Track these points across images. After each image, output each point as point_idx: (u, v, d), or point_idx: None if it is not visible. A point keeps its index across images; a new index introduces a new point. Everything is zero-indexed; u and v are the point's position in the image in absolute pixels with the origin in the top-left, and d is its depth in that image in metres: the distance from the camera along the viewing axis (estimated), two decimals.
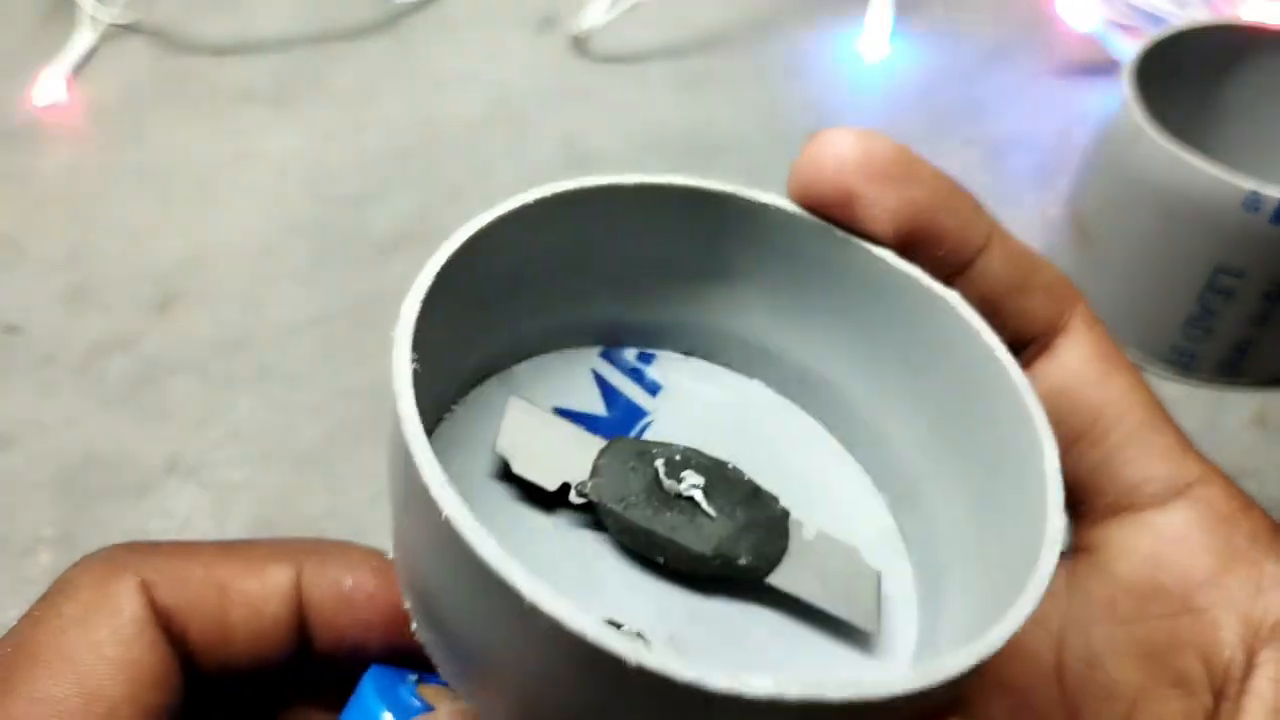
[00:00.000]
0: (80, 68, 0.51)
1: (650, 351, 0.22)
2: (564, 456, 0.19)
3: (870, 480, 0.21)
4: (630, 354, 0.21)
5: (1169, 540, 0.19)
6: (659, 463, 0.18)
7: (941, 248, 0.19)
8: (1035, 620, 0.14)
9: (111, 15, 0.52)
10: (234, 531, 0.34)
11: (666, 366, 0.21)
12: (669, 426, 0.20)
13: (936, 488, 0.20)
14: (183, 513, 0.35)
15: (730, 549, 0.18)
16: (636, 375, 0.21)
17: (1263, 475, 0.36)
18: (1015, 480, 0.17)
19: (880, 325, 0.20)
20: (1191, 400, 0.39)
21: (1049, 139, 0.48)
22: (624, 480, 0.18)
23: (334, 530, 0.34)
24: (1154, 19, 0.47)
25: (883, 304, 0.19)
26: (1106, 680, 0.20)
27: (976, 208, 0.20)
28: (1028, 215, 0.45)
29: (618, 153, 0.48)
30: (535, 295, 0.19)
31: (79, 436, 0.37)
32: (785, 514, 0.19)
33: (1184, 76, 0.40)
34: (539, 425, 0.19)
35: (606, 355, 0.21)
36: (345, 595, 0.19)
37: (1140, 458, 0.20)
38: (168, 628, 0.18)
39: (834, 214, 0.19)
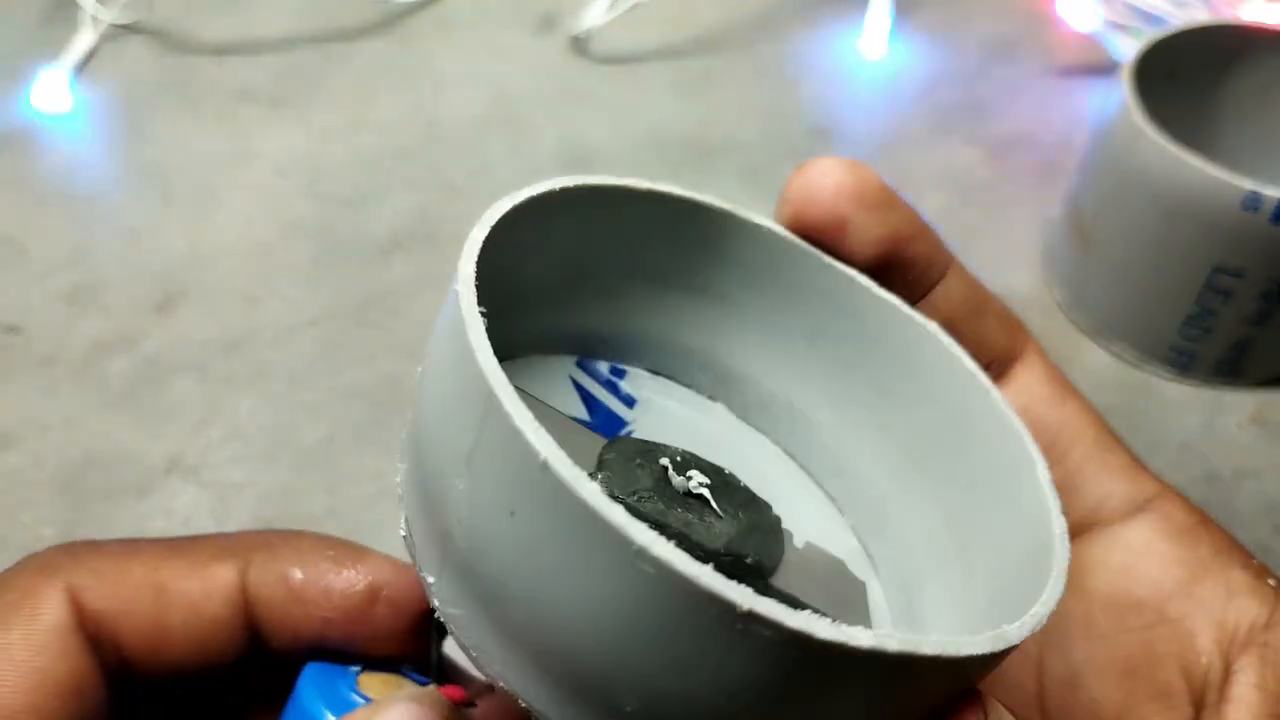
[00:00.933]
0: (81, 68, 0.51)
1: (621, 367, 0.22)
2: (569, 447, 0.19)
3: (833, 505, 0.21)
4: (604, 366, 0.22)
5: (1138, 553, 0.20)
6: (665, 460, 0.19)
7: (911, 273, 0.20)
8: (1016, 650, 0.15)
9: (112, 16, 0.53)
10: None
11: (638, 382, 0.22)
12: (649, 437, 0.20)
13: (906, 509, 0.20)
14: (183, 512, 0.35)
15: (739, 547, 0.18)
16: (611, 387, 0.21)
17: (1261, 475, 0.36)
18: (1002, 494, 0.18)
19: (857, 351, 0.20)
20: (1190, 400, 0.39)
21: (1049, 139, 0.48)
22: (632, 475, 0.18)
23: (332, 530, 0.34)
24: (1153, 19, 0.47)
25: (862, 330, 0.20)
26: (1088, 700, 0.20)
27: (939, 238, 0.21)
28: (1028, 215, 0.45)
29: (617, 153, 0.48)
30: (524, 296, 0.19)
31: (79, 436, 0.37)
32: (779, 521, 0.19)
33: (1183, 77, 0.40)
34: (541, 416, 0.19)
35: (582, 365, 0.21)
36: (296, 589, 0.19)
37: (1099, 475, 0.20)
38: (98, 633, 0.18)
39: (824, 239, 0.20)
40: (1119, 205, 0.38)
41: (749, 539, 0.18)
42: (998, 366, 0.22)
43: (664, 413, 0.21)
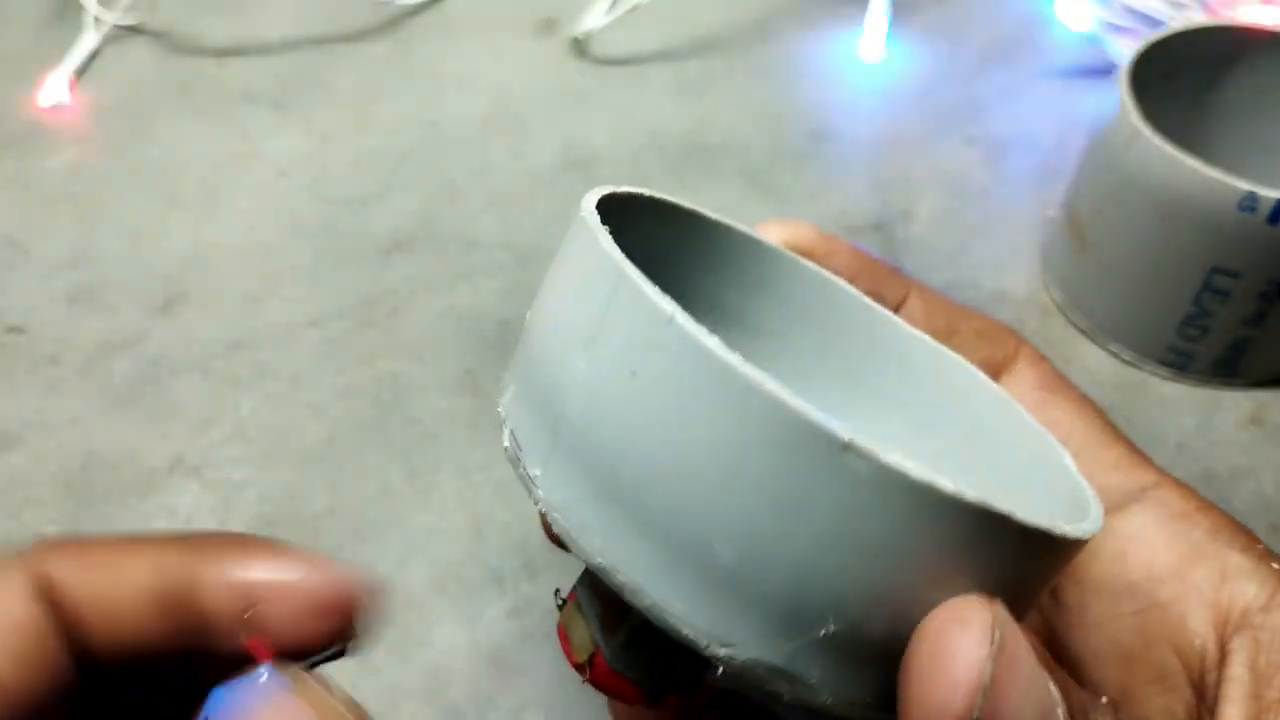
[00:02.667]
0: (84, 69, 0.52)
1: None
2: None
3: None
4: None
5: (1131, 539, 0.20)
6: None
7: None
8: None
9: (115, 17, 0.53)
10: (236, 530, 0.34)
11: None
12: None
13: None
14: (185, 512, 0.35)
15: None
16: None
17: (1258, 475, 0.37)
18: (1038, 492, 0.19)
19: (892, 386, 0.22)
20: (1187, 400, 0.39)
21: (1047, 140, 0.48)
22: None
23: (334, 529, 0.35)
24: (1150, 21, 0.47)
25: (899, 366, 0.22)
26: (1089, 685, 0.20)
27: (892, 272, 0.23)
28: (1026, 216, 0.45)
29: (617, 154, 0.48)
30: None
31: (82, 436, 0.37)
32: None
33: (1180, 78, 0.40)
34: None
35: None
36: (248, 594, 0.18)
37: (1092, 471, 0.21)
38: (60, 604, 0.17)
39: None
40: (1116, 206, 0.38)
41: None
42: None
43: None
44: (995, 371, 0.23)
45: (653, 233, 0.20)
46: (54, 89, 0.50)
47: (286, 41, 0.54)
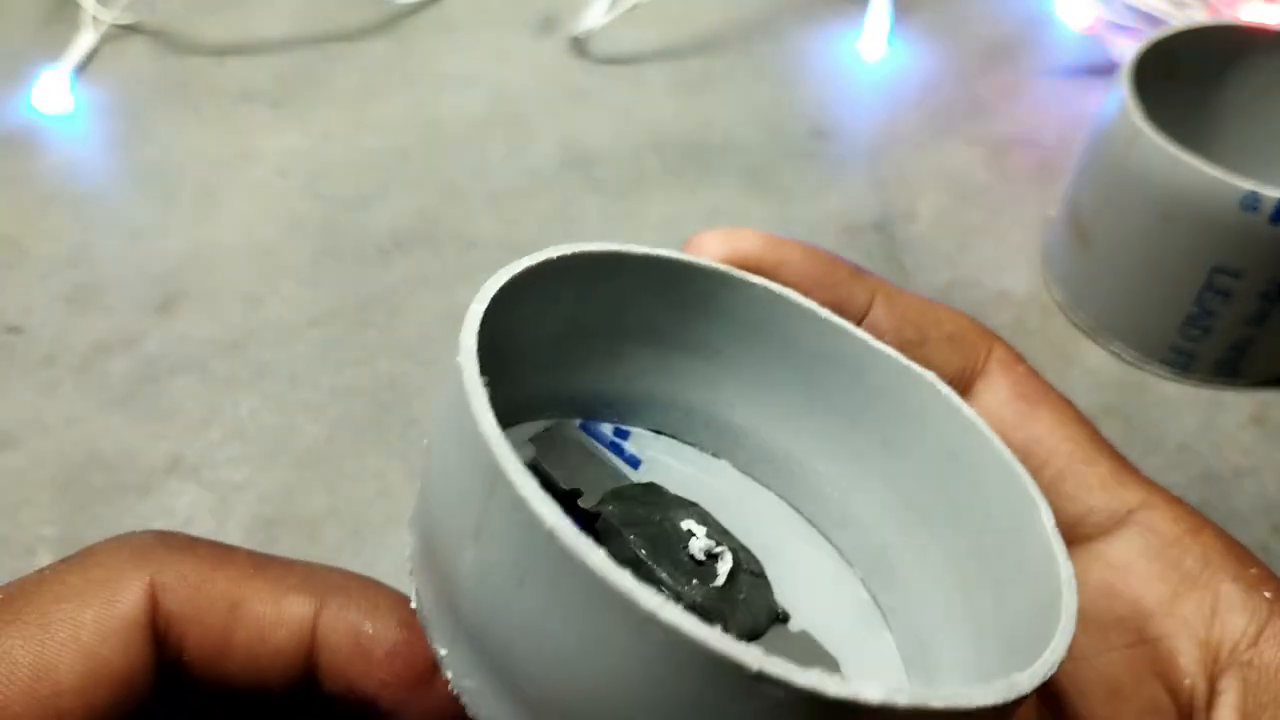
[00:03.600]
0: (82, 68, 0.51)
1: (625, 428, 0.22)
2: (583, 474, 0.19)
3: (841, 557, 0.21)
4: (607, 428, 0.22)
5: (1118, 569, 0.19)
6: (676, 513, 0.19)
7: None
8: None
9: (113, 16, 0.53)
10: (235, 531, 0.34)
11: (641, 443, 0.22)
12: None
13: (912, 559, 0.20)
14: (184, 512, 0.35)
15: (720, 614, 0.18)
16: (616, 449, 0.22)
17: (1260, 475, 0.37)
18: (1007, 541, 0.18)
19: (855, 402, 0.21)
20: (1189, 400, 0.39)
21: (1048, 139, 0.48)
22: (634, 511, 0.19)
23: (333, 529, 0.35)
24: (1152, 20, 0.47)
25: (859, 381, 0.20)
26: (1073, 717, 0.20)
27: (854, 275, 0.21)
28: (1027, 215, 0.45)
29: (617, 154, 0.48)
30: (526, 362, 0.20)
31: (80, 436, 0.37)
32: (778, 612, 0.19)
33: (1182, 77, 0.40)
34: (572, 441, 0.19)
35: (585, 427, 0.22)
36: (364, 645, 0.19)
37: (1077, 491, 0.20)
38: (165, 634, 0.18)
39: None
40: (1118, 206, 0.38)
41: (738, 610, 0.18)
42: (957, 388, 0.21)
43: (669, 471, 0.22)
44: (970, 379, 0.22)
45: (576, 284, 0.19)
46: (51, 88, 0.50)
47: (285, 40, 0.54)
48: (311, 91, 0.51)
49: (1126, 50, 0.40)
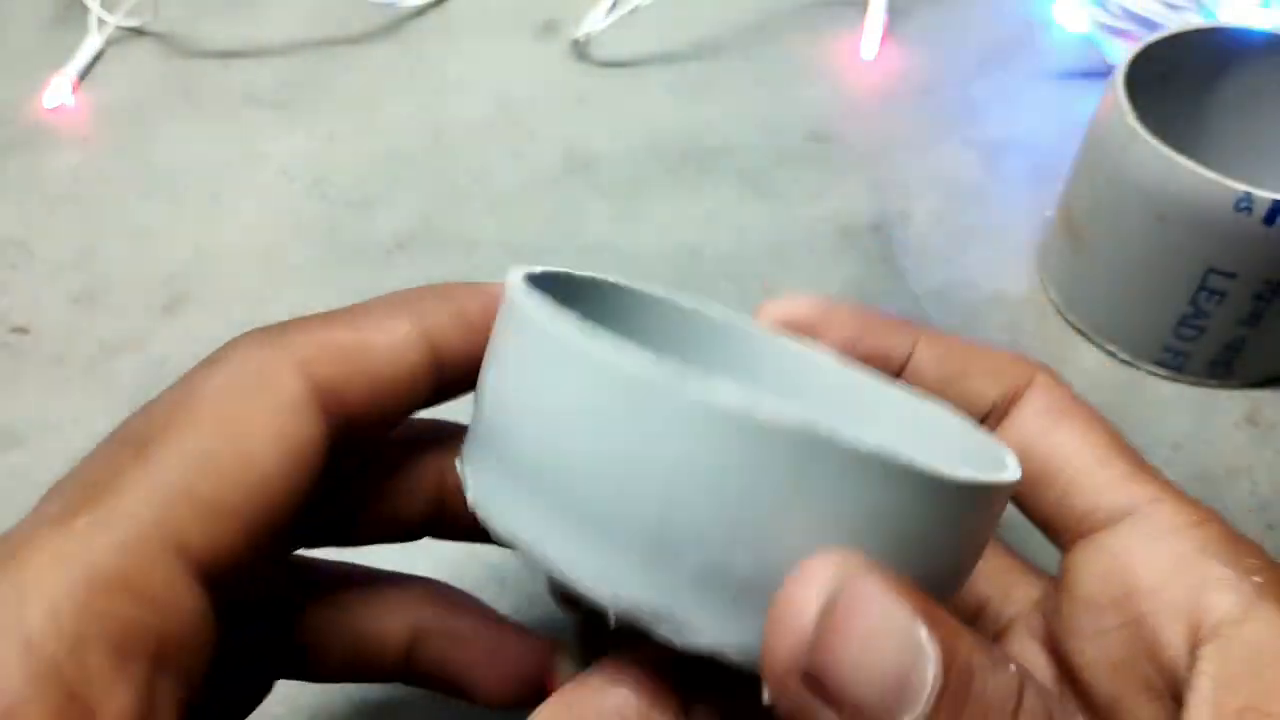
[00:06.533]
0: (88, 71, 0.52)
1: None
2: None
3: None
4: None
5: (1117, 556, 0.20)
6: None
7: (873, 365, 0.23)
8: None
9: (119, 19, 0.53)
10: None
11: None
12: None
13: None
14: None
15: None
16: None
17: (1254, 474, 0.37)
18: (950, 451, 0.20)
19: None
20: (1183, 400, 0.39)
21: (1043, 142, 0.49)
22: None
23: None
24: (1147, 23, 0.48)
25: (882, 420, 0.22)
26: (1087, 693, 0.20)
27: (898, 325, 0.23)
28: (1023, 217, 0.45)
29: (617, 157, 0.48)
30: None
31: (87, 436, 0.37)
32: None
33: (1176, 80, 0.40)
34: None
35: None
36: (469, 320, 0.21)
37: (1089, 490, 0.21)
38: (327, 402, 0.19)
39: None
40: (1112, 207, 0.38)
41: None
42: (995, 417, 0.23)
43: None
44: (1009, 404, 0.23)
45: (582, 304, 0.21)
46: (58, 91, 0.50)
47: (290, 43, 0.54)
48: (316, 94, 0.51)
49: (1121, 53, 0.41)
